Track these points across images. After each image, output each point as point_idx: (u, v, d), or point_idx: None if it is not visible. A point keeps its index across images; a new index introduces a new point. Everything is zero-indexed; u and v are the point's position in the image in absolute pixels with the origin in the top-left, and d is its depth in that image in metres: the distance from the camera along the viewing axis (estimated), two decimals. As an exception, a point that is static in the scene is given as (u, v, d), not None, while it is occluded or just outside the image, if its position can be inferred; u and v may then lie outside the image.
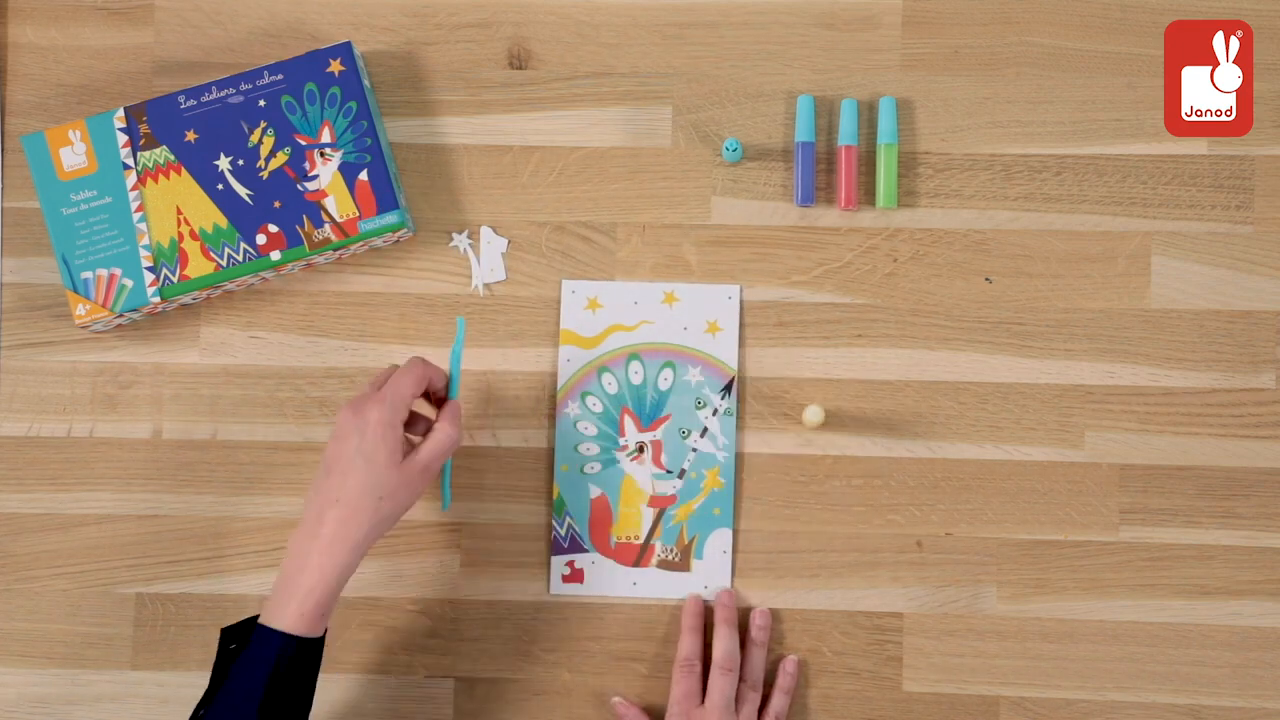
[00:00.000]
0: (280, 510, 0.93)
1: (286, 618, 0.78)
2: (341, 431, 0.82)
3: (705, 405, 0.93)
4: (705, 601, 0.92)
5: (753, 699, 0.89)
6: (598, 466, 0.93)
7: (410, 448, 0.84)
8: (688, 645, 0.90)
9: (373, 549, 0.92)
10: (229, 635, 0.82)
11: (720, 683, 0.87)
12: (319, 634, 0.80)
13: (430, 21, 0.96)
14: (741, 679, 0.89)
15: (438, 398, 0.88)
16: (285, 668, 0.78)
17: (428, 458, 0.83)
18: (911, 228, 0.94)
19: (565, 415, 0.93)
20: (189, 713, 0.80)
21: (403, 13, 0.96)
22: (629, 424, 0.94)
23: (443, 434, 0.84)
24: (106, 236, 0.91)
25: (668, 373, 0.94)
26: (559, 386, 0.94)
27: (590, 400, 0.94)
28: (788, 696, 0.90)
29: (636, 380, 0.94)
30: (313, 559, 0.79)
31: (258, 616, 0.80)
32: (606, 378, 0.94)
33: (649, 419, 0.94)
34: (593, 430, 0.94)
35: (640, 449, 0.93)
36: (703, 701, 0.88)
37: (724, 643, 0.89)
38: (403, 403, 0.82)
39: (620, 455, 0.93)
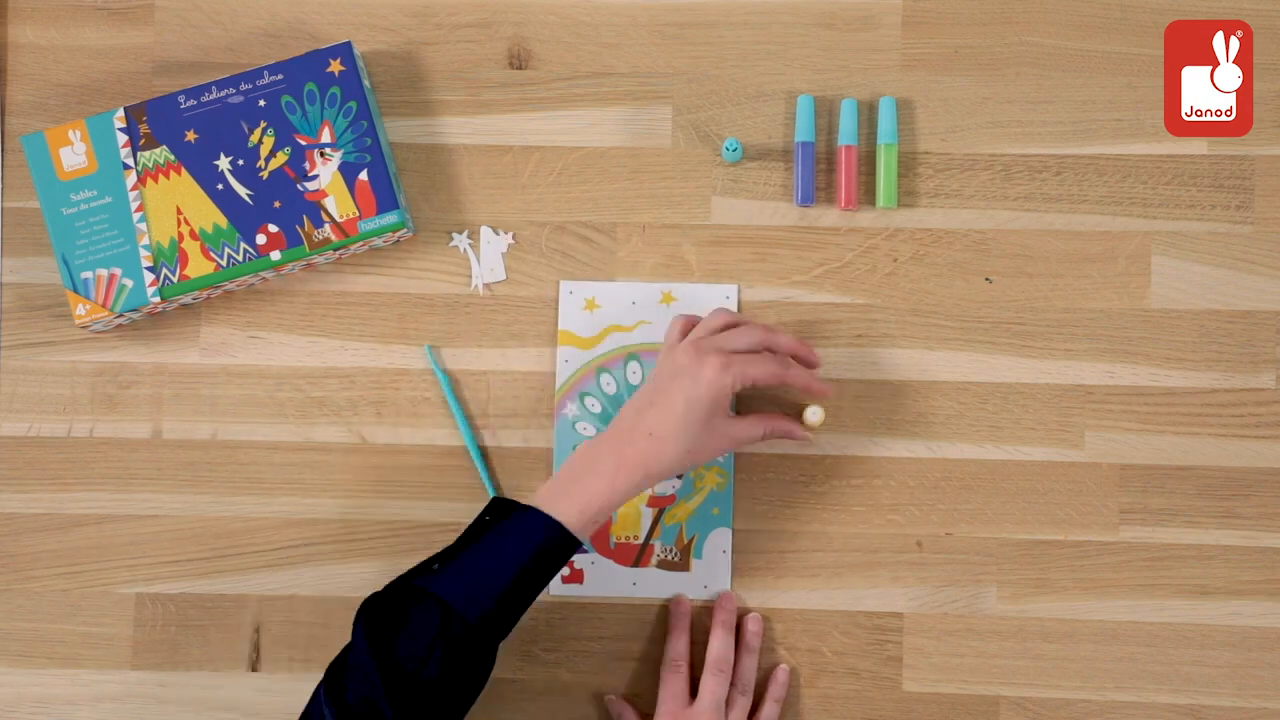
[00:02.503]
0: (280, 510, 0.93)
1: (564, 510, 0.80)
2: (677, 367, 0.83)
3: (705, 405, 0.93)
4: (692, 601, 0.92)
5: (742, 704, 0.88)
6: (597, 466, 0.93)
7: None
8: (676, 644, 0.90)
9: (372, 549, 0.93)
10: (492, 507, 0.82)
11: (712, 684, 0.87)
12: (585, 537, 0.81)
13: (430, 21, 0.96)
14: (731, 684, 0.89)
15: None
16: (546, 551, 0.79)
17: (742, 437, 0.85)
18: (911, 228, 0.94)
19: (564, 416, 0.93)
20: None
21: (403, 13, 0.96)
22: (629, 424, 0.93)
23: (754, 428, 0.86)
24: (106, 236, 0.91)
25: (667, 373, 0.93)
26: (557, 387, 0.94)
27: (589, 401, 0.93)
28: (779, 705, 0.90)
29: (635, 381, 0.94)
30: (609, 472, 0.81)
31: (515, 502, 0.81)
32: (605, 378, 0.94)
33: (649, 419, 0.93)
34: (592, 431, 0.93)
35: (640, 449, 0.93)
36: (692, 702, 0.88)
37: (718, 644, 0.89)
38: (743, 383, 0.83)
39: (620, 455, 0.93)
